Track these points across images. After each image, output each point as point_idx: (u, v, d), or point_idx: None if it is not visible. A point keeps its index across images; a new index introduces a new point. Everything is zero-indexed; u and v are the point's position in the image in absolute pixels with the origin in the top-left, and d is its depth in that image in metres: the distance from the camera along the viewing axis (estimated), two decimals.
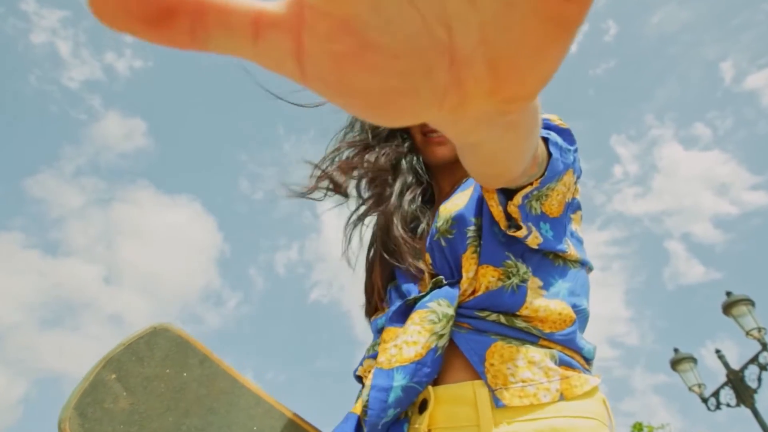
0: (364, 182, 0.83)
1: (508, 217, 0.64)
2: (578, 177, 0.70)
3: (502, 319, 0.66)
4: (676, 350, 6.30)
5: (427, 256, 0.74)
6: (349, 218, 0.84)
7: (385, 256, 0.78)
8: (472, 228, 0.69)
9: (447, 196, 0.81)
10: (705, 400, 5.99)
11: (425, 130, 0.83)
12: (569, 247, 0.71)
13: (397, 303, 0.72)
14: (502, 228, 0.65)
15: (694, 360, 6.21)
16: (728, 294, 5.61)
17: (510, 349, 0.63)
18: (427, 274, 0.73)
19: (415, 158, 0.85)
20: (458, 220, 0.70)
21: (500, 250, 0.68)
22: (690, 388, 6.12)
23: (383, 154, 0.80)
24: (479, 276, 0.67)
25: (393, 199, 0.78)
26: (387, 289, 0.80)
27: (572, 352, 0.67)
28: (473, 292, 0.68)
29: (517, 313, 0.66)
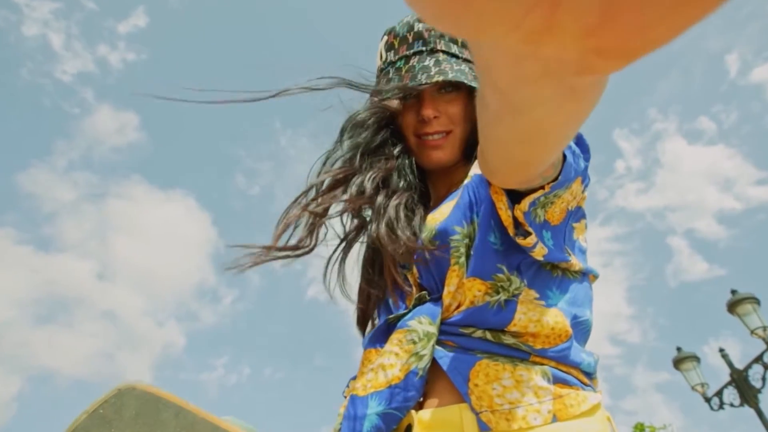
0: (345, 216, 0.78)
1: (516, 224, 0.61)
2: (586, 186, 0.67)
3: (489, 335, 0.62)
4: (678, 349, 6.30)
5: (415, 270, 0.70)
6: (331, 257, 0.78)
7: (373, 277, 0.75)
8: (456, 237, 0.66)
9: (442, 199, 0.78)
10: (708, 400, 5.99)
11: (419, 133, 0.79)
12: (572, 257, 0.68)
13: (381, 321, 0.69)
14: (511, 234, 0.61)
15: (697, 359, 6.21)
16: (733, 292, 5.60)
17: (496, 368, 0.60)
18: (414, 289, 0.70)
19: (407, 161, 0.81)
20: (441, 233, 0.68)
21: (492, 262, 0.64)
22: (693, 388, 6.13)
23: (369, 179, 0.74)
24: (465, 289, 0.64)
25: (376, 213, 0.73)
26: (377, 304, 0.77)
27: (568, 368, 0.63)
28: (458, 307, 0.65)
29: (505, 329, 0.62)
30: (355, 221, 0.77)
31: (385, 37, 0.84)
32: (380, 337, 0.68)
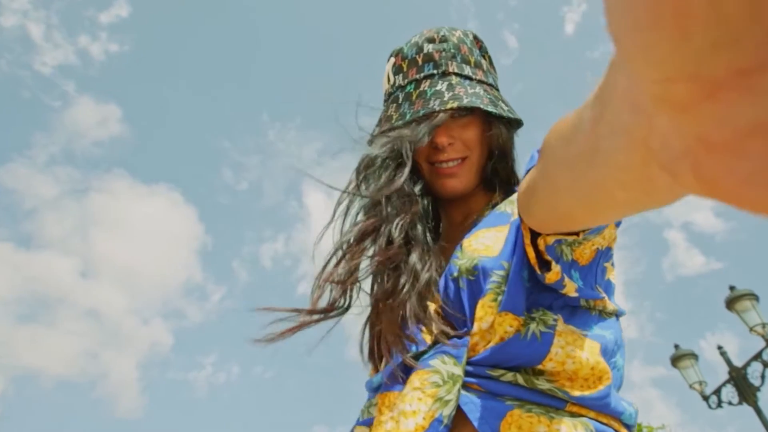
0: (376, 277, 0.70)
1: (542, 261, 0.58)
2: (617, 226, 0.64)
3: (520, 379, 0.58)
4: (676, 346, 6.32)
5: (438, 296, 0.65)
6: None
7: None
8: (500, 273, 0.62)
9: (459, 226, 0.76)
10: (706, 398, 6.02)
11: (432, 160, 0.76)
12: (605, 296, 0.65)
13: (397, 359, 0.63)
14: (537, 271, 0.58)
15: (695, 356, 6.24)
16: (731, 288, 5.61)
17: (530, 420, 0.55)
18: (435, 319, 0.64)
19: (427, 200, 0.78)
20: (485, 268, 0.63)
21: (525, 297, 0.60)
22: (691, 386, 6.15)
23: (396, 227, 0.68)
24: (495, 325, 0.59)
25: (408, 276, 0.67)
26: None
27: (609, 419, 0.59)
28: (485, 345, 0.60)
29: (539, 367, 0.58)
30: (389, 279, 0.68)
31: (393, 59, 0.81)
32: (397, 379, 0.63)
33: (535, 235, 0.56)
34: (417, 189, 0.75)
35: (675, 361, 6.27)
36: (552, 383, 0.57)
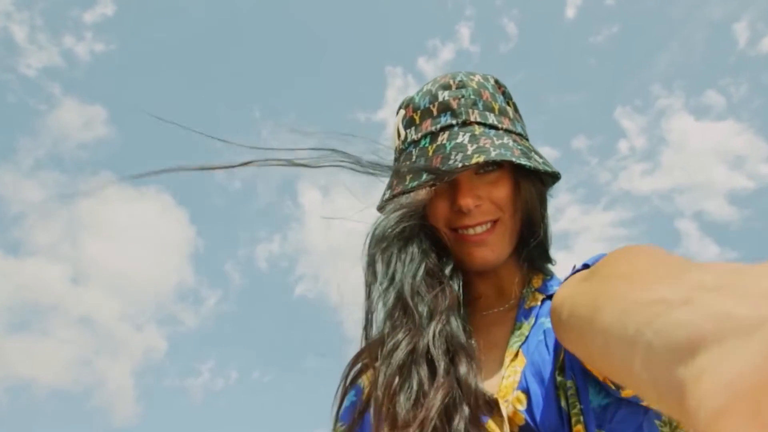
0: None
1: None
2: None
3: None
4: None
5: (522, 396, 0.58)
6: None
7: None
8: (572, 391, 0.56)
9: (492, 303, 0.71)
10: None
11: (455, 225, 0.67)
12: None
13: None
14: (610, 386, 0.52)
15: None
16: None
17: None
18: (508, 421, 0.56)
19: (458, 282, 0.68)
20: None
21: (604, 418, 0.55)
22: None
23: (435, 343, 0.58)
24: None
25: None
26: None
27: None
28: None
29: None
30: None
31: (402, 111, 0.74)
32: None
33: None
34: (448, 270, 0.67)
35: None
36: None
